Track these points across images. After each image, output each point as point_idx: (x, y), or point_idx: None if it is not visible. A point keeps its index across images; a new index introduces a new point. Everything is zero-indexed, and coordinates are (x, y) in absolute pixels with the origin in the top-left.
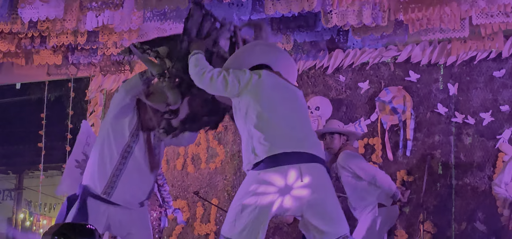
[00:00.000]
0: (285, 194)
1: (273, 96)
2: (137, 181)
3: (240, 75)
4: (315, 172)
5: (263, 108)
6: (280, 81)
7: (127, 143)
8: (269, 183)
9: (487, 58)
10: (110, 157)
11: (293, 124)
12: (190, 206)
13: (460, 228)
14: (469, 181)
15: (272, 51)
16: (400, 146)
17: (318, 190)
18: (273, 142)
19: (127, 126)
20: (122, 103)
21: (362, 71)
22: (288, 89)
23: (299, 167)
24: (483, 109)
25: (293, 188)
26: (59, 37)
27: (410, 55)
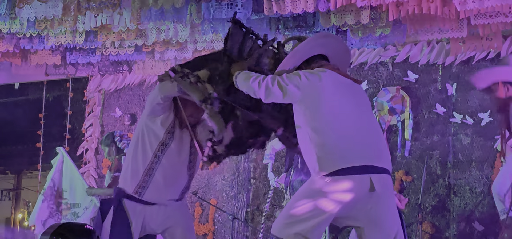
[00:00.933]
0: (349, 203)
1: (336, 101)
2: (171, 179)
3: (295, 79)
4: (383, 183)
5: (328, 114)
6: (341, 80)
7: (161, 141)
8: (333, 191)
9: (485, 59)
10: (143, 155)
11: (361, 131)
12: (188, 206)
13: (458, 228)
14: (467, 181)
15: (330, 43)
16: (398, 146)
17: (383, 202)
18: (341, 154)
19: (160, 123)
20: (154, 101)
21: (361, 71)
22: (350, 89)
23: (369, 177)
24: (481, 110)
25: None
26: (58, 37)
27: (409, 56)
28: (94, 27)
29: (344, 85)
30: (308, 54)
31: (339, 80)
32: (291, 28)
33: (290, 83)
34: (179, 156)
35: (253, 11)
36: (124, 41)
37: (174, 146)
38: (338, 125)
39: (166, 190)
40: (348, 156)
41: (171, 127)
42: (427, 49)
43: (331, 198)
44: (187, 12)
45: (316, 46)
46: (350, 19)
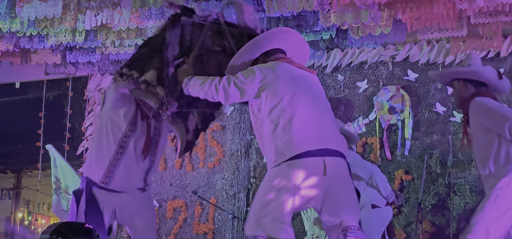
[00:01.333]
0: (308, 187)
1: (291, 91)
2: (134, 169)
3: (250, 76)
4: (336, 166)
5: (283, 107)
6: (295, 71)
7: (124, 132)
8: (291, 177)
9: (485, 58)
10: (107, 147)
11: (315, 119)
12: (188, 205)
13: (458, 227)
14: (467, 180)
15: (285, 37)
16: (398, 145)
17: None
18: (297, 141)
19: (123, 116)
20: (113, 97)
21: (361, 71)
22: (305, 79)
23: (323, 160)
24: None
25: (316, 182)
26: (58, 36)
27: (409, 55)
28: (94, 26)
29: (298, 76)
30: (266, 47)
31: (293, 71)
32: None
33: (246, 81)
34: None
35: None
36: (124, 41)
37: (137, 136)
38: (293, 114)
39: (131, 177)
40: (302, 142)
41: (133, 118)
42: (427, 48)
43: (289, 184)
44: None
45: (274, 40)
46: (350, 18)
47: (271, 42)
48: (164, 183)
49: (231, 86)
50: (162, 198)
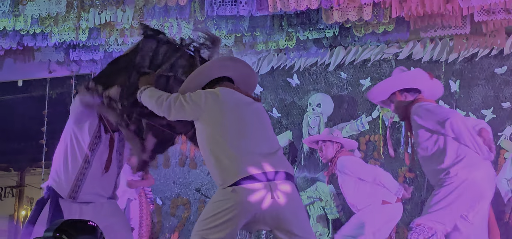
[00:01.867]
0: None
1: (236, 115)
2: (100, 180)
3: (197, 97)
4: (287, 188)
5: (228, 129)
6: (240, 97)
7: (88, 146)
8: (237, 200)
9: (488, 55)
10: (73, 161)
11: (261, 142)
12: (192, 203)
13: None
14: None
15: (231, 64)
16: (401, 142)
17: (290, 204)
18: (242, 163)
19: (87, 129)
20: (77, 110)
21: (364, 68)
22: (249, 104)
23: (270, 185)
24: (484, 106)
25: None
26: (61, 34)
27: (412, 52)
28: (97, 24)
29: (243, 102)
30: (212, 75)
31: (237, 97)
32: (294, 25)
33: (191, 101)
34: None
35: (256, 8)
36: (128, 38)
37: (102, 148)
38: (237, 138)
39: (97, 188)
40: (247, 167)
41: (97, 131)
42: (430, 46)
43: (235, 208)
44: (190, 9)
45: (220, 68)
46: (352, 15)
47: (217, 70)
48: (167, 180)
49: (176, 103)
50: (165, 196)
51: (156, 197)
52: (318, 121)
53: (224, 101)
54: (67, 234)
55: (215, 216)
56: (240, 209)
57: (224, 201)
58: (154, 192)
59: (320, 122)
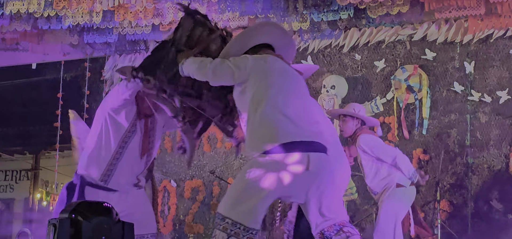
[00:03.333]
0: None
1: (281, 82)
2: (132, 166)
3: (243, 61)
4: (320, 162)
5: (273, 95)
6: (285, 67)
7: (125, 133)
8: (274, 169)
9: (504, 36)
10: (106, 147)
11: (306, 112)
12: (206, 185)
13: (476, 206)
14: (485, 160)
15: (275, 32)
16: (416, 124)
17: (324, 178)
18: (284, 130)
19: (125, 116)
20: (122, 96)
21: (378, 50)
22: (294, 75)
23: (308, 155)
24: (499, 88)
25: (300, 175)
26: (75, 17)
27: (426, 34)
28: (111, 6)
29: (288, 71)
30: (254, 41)
31: (283, 66)
32: (309, 7)
33: (238, 65)
34: (139, 144)
35: None
36: (141, 21)
37: (136, 136)
38: (282, 105)
39: (128, 176)
40: (289, 134)
41: (134, 119)
42: (445, 27)
43: (272, 175)
44: None
45: (262, 34)
46: None
47: (262, 36)
48: (181, 163)
49: (222, 66)
50: (179, 178)
51: (171, 179)
52: (332, 103)
53: (272, 67)
54: (82, 215)
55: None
56: (280, 175)
57: (265, 166)
58: (168, 175)
59: (334, 104)
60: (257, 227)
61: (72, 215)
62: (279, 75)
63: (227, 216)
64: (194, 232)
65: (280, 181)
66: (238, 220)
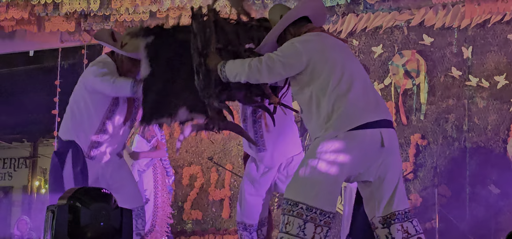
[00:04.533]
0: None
1: (340, 59)
2: (117, 137)
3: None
4: (390, 137)
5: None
6: (335, 41)
7: (108, 108)
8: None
9: (501, 21)
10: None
11: (367, 89)
12: (204, 172)
13: (474, 191)
14: (483, 144)
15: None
16: (414, 110)
17: (395, 155)
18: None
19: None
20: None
21: (376, 35)
22: (342, 47)
23: (380, 132)
24: (497, 73)
25: (374, 152)
26: (72, 3)
27: (424, 19)
28: None
29: (337, 44)
30: (294, 16)
31: (331, 41)
32: None
33: (290, 55)
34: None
35: None
36: (139, 7)
37: (121, 106)
38: (344, 83)
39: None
40: (358, 113)
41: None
42: (443, 12)
43: (344, 156)
44: None
45: (301, 9)
46: None
47: (300, 11)
48: (180, 149)
49: (276, 64)
50: (178, 165)
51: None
52: None
53: (324, 46)
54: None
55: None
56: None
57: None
58: None
59: None
60: (333, 210)
61: (71, 201)
62: (334, 51)
63: (301, 201)
64: (192, 218)
65: (353, 159)
66: (313, 205)
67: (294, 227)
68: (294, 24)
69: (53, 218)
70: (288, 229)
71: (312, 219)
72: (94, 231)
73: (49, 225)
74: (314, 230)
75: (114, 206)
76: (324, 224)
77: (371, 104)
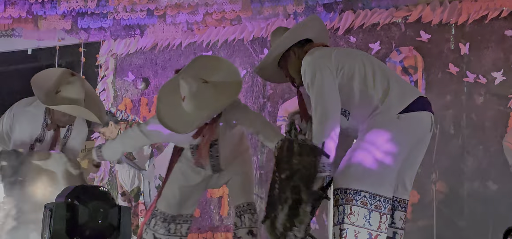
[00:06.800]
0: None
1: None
2: None
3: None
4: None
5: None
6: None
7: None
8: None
9: (498, 17)
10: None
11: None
12: None
13: (472, 187)
14: (481, 141)
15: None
16: None
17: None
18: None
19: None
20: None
21: (373, 32)
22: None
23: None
24: (495, 69)
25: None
26: (69, 2)
27: (421, 15)
28: None
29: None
30: (300, 36)
31: (342, 49)
32: None
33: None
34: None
35: None
36: (136, 5)
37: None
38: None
39: None
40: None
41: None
42: (440, 9)
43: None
44: None
45: (308, 29)
46: None
47: (307, 31)
48: None
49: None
50: None
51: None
52: None
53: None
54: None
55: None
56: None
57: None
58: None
59: None
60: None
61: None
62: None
63: (363, 189)
64: None
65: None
66: (377, 192)
67: (359, 217)
68: (297, 45)
69: (51, 216)
70: (353, 220)
71: (377, 207)
72: (92, 229)
73: (47, 223)
74: (379, 220)
75: (112, 203)
76: (387, 211)
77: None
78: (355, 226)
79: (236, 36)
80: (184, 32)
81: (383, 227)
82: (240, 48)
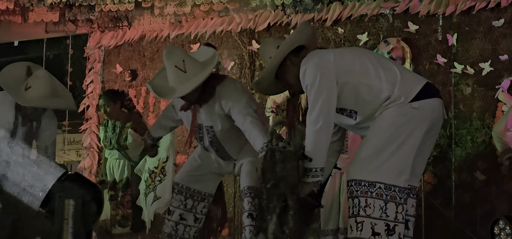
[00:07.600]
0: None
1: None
2: None
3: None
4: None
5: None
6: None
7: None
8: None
9: (486, 8)
10: None
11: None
12: None
13: (459, 178)
14: (468, 131)
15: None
16: None
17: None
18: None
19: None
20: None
21: (361, 23)
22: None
23: (441, 102)
24: (482, 60)
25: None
26: None
27: (409, 6)
28: None
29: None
30: (294, 43)
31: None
32: None
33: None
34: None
35: None
36: None
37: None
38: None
39: None
40: (414, 80)
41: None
42: (427, 0)
43: (414, 125)
44: None
45: (304, 35)
46: None
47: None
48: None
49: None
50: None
51: None
52: None
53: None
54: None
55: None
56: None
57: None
58: None
59: None
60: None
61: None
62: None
63: (377, 180)
64: None
65: (423, 129)
66: (391, 183)
67: (375, 209)
68: (292, 52)
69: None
70: (369, 212)
71: (392, 198)
72: None
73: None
74: (396, 210)
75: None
76: (403, 201)
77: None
78: (371, 218)
79: (224, 28)
80: (172, 24)
81: (400, 217)
82: (228, 40)
